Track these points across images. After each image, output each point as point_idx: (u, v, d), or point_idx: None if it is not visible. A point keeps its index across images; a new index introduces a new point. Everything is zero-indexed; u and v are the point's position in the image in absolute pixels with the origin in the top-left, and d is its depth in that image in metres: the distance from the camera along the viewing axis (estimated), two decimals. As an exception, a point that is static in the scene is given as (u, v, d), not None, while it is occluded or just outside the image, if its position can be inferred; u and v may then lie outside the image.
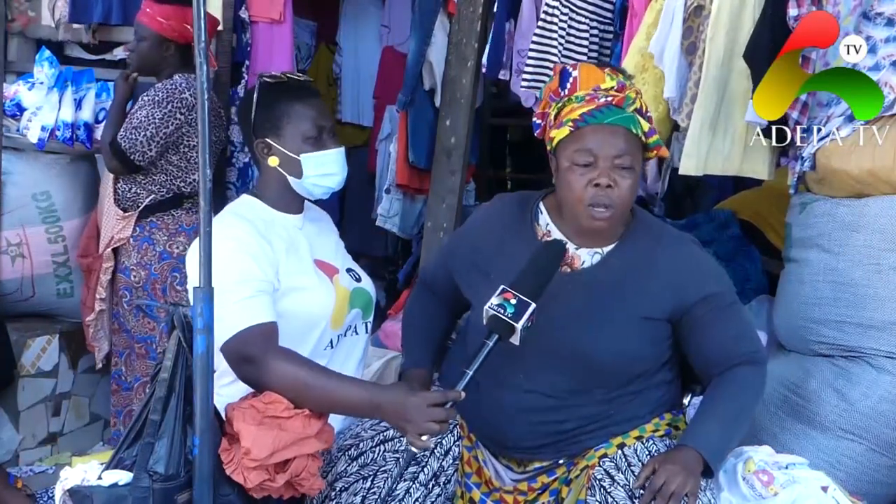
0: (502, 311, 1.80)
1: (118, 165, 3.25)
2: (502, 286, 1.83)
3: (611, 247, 2.02)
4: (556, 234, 2.04)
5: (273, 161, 2.18)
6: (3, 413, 3.49)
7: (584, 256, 2.02)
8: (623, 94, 1.95)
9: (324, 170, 2.19)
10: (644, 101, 2.00)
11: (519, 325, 1.79)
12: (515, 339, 1.81)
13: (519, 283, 1.84)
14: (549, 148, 2.02)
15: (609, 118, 1.92)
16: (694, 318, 1.99)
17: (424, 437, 1.80)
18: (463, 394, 1.81)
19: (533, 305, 1.80)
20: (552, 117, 2.00)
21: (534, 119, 2.09)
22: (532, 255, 1.94)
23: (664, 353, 2.04)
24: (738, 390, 2.00)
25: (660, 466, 1.87)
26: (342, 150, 2.23)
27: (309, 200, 2.29)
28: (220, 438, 1.86)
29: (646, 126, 1.96)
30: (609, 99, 1.93)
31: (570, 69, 2.00)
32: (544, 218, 2.07)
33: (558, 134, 1.96)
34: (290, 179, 2.19)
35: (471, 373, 1.81)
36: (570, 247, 2.02)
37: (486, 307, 1.82)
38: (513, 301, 1.80)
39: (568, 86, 1.98)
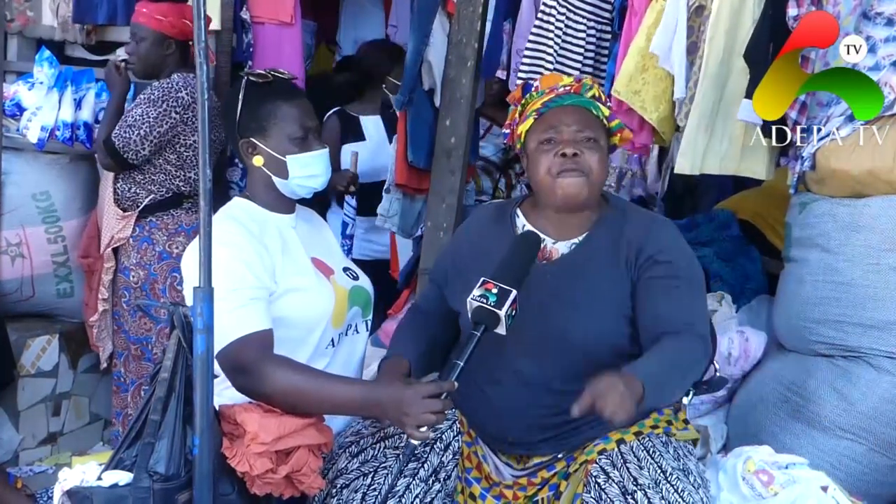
0: (485, 301, 1.83)
1: (111, 163, 3.25)
2: (483, 278, 1.87)
3: (585, 234, 2.06)
4: None
5: (258, 161, 2.17)
6: (3, 413, 3.50)
7: (562, 248, 2.07)
8: (580, 84, 2.09)
9: (309, 171, 2.19)
10: (601, 91, 2.11)
11: (502, 313, 1.81)
12: (502, 329, 1.84)
13: (499, 274, 1.88)
14: (518, 146, 2.12)
15: (568, 101, 2.05)
16: (652, 280, 1.97)
17: (423, 429, 1.82)
18: (456, 384, 1.83)
19: (514, 292, 1.84)
20: (517, 116, 2.11)
21: (503, 130, 2.19)
22: (508, 248, 2.00)
23: None
24: (686, 352, 1.93)
25: (609, 384, 1.73)
26: (326, 151, 2.23)
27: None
28: (221, 438, 1.86)
29: (606, 111, 2.08)
30: (567, 88, 2.07)
31: (532, 82, 2.13)
32: (521, 220, 2.13)
33: (524, 126, 2.06)
34: (275, 179, 2.18)
35: (461, 363, 1.83)
36: (548, 241, 2.07)
37: (469, 299, 1.85)
38: (494, 290, 1.84)
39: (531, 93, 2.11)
